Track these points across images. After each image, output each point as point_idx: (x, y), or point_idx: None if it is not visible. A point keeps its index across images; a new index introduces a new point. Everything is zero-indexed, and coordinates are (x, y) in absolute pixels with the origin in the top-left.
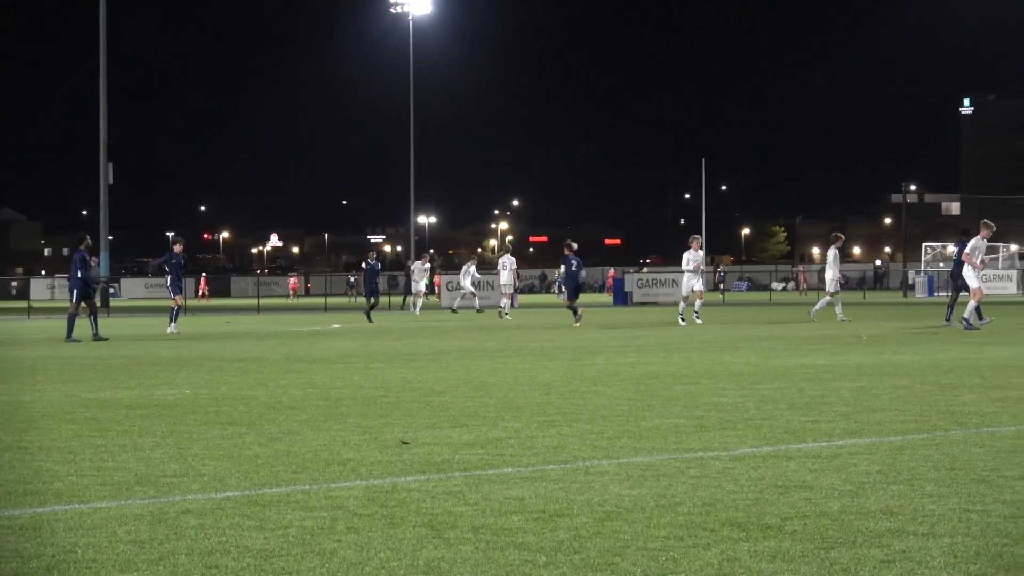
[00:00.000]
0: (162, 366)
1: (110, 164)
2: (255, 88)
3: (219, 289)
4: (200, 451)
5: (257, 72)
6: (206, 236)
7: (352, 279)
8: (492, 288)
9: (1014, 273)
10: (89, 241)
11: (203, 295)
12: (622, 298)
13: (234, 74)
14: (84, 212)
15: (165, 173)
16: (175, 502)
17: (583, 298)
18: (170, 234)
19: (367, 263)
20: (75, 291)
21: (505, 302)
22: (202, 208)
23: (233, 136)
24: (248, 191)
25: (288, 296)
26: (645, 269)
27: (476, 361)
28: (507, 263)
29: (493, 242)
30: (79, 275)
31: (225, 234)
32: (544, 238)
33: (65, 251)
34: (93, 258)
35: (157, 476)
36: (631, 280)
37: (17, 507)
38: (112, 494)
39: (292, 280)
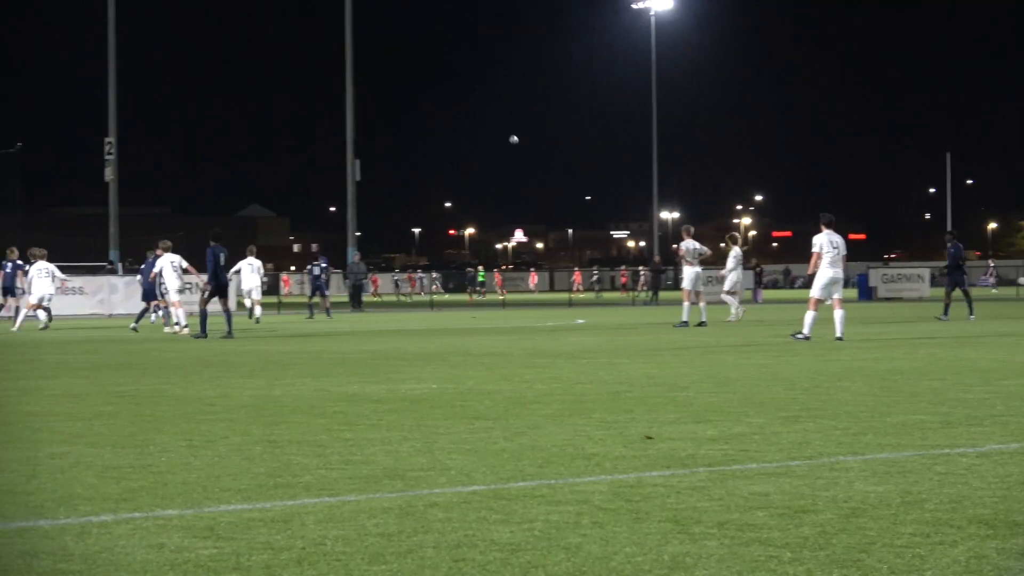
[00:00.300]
0: (409, 361)
1: (357, 161)
2: (497, 84)
3: (464, 285)
4: (447, 445)
5: (499, 68)
6: (451, 232)
7: (596, 275)
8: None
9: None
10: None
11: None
12: (866, 293)
13: (475, 70)
14: (332, 208)
15: (410, 169)
16: (422, 495)
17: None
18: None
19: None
20: (211, 287)
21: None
22: (447, 204)
23: (476, 132)
24: (493, 187)
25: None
26: (891, 264)
27: (719, 356)
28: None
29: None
30: (212, 270)
31: (470, 230)
32: (788, 233)
33: (314, 247)
34: (320, 260)
35: (405, 470)
36: (876, 275)
37: (268, 500)
38: (360, 487)
39: (532, 274)
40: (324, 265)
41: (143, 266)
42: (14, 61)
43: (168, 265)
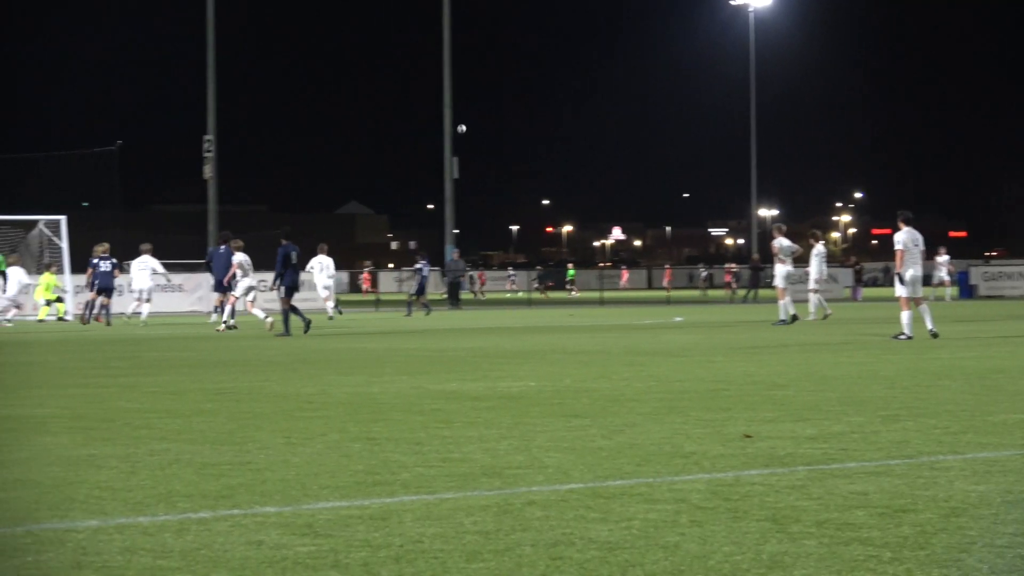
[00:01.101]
0: (506, 358)
1: (455, 158)
2: (596, 81)
3: (561, 282)
4: (544, 443)
5: (597, 65)
6: (548, 229)
7: (703, 272)
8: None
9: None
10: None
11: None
12: (967, 291)
13: (573, 68)
14: (430, 206)
15: (509, 167)
16: (520, 493)
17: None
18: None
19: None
20: (284, 286)
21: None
22: (545, 202)
23: (574, 129)
24: (590, 184)
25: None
26: (992, 262)
27: (817, 355)
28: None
29: (835, 235)
30: (283, 268)
31: (568, 227)
32: (887, 231)
33: (412, 244)
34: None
35: (502, 467)
36: (976, 273)
37: (366, 497)
38: (458, 485)
39: (624, 272)
40: (426, 263)
41: (209, 257)
42: (114, 59)
43: (244, 263)
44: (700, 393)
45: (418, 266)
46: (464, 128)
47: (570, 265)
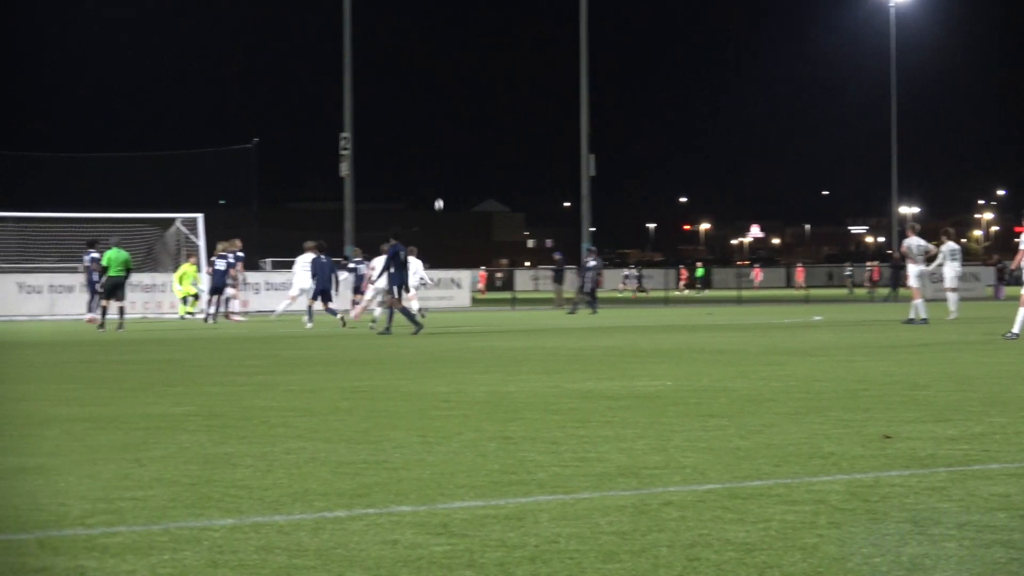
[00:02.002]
0: (643, 357)
1: (592, 156)
2: (733, 77)
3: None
4: (681, 443)
5: (734, 61)
6: (685, 227)
7: (849, 271)
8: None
9: None
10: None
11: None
12: None
13: (710, 64)
14: (566, 204)
15: (646, 164)
16: (656, 494)
17: None
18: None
19: None
20: (395, 286)
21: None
22: (682, 199)
23: (712, 126)
24: (729, 182)
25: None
26: None
27: (959, 354)
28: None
29: (978, 233)
30: (392, 270)
31: (705, 225)
32: None
33: (548, 242)
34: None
35: (639, 467)
36: None
37: (502, 497)
38: (594, 485)
39: (756, 271)
40: (598, 260)
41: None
42: (250, 56)
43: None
44: (839, 393)
45: (591, 263)
46: (441, 203)
47: (699, 264)
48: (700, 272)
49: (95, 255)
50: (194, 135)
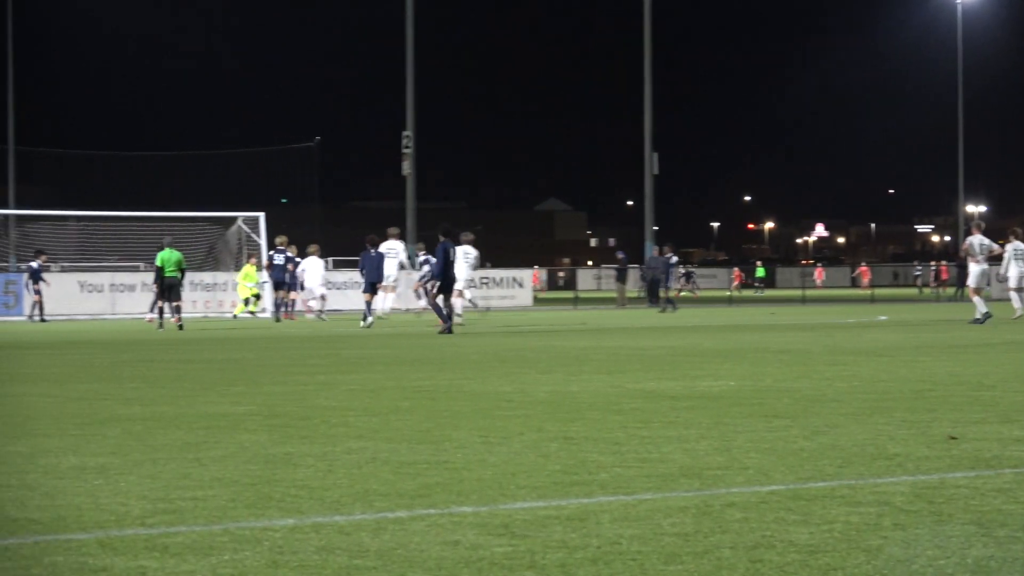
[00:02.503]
0: (705, 357)
1: (655, 154)
2: (797, 75)
3: (767, 280)
4: (744, 444)
5: (798, 58)
6: (749, 226)
7: (919, 270)
8: None
9: None
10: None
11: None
12: None
13: (774, 61)
14: (629, 202)
15: (709, 162)
16: (719, 495)
17: None
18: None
19: None
20: (438, 282)
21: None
22: (747, 198)
23: (777, 124)
24: (793, 180)
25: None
26: None
27: None
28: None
29: None
30: (442, 266)
31: (769, 224)
32: None
33: (611, 241)
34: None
35: (701, 468)
36: None
37: (563, 497)
38: (657, 486)
39: (818, 270)
40: (674, 260)
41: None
42: (314, 54)
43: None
44: (904, 393)
45: (672, 260)
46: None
47: (758, 263)
48: (760, 272)
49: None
50: (257, 133)
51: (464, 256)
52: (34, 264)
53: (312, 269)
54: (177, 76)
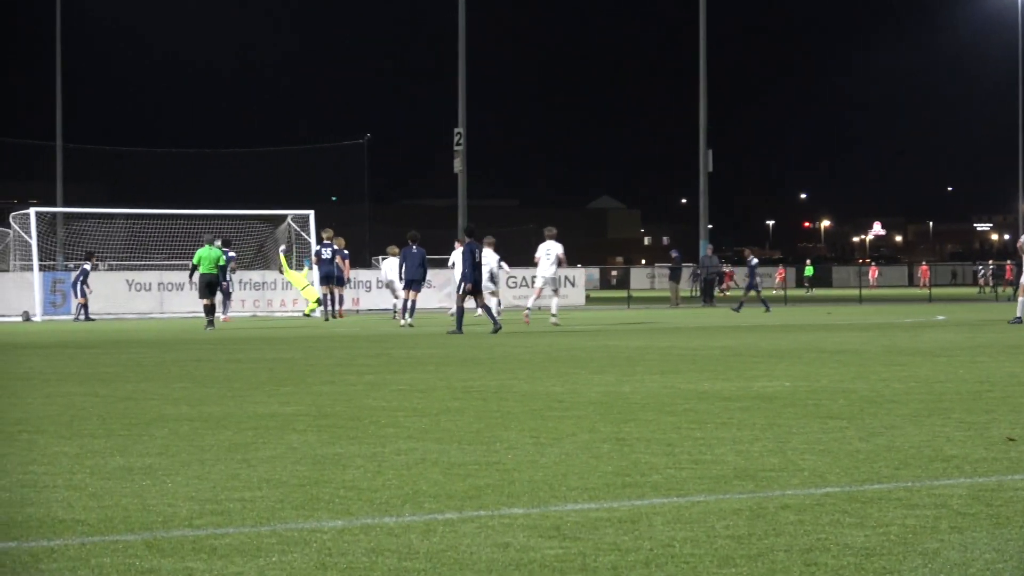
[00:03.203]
0: (760, 358)
1: (710, 151)
2: (853, 71)
3: (821, 279)
4: (799, 445)
5: (855, 55)
6: (805, 224)
7: (981, 270)
8: None
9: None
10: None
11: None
12: None
13: (830, 57)
14: (683, 200)
15: (765, 159)
16: (774, 497)
17: None
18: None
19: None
20: (464, 282)
21: None
22: (802, 196)
23: (833, 121)
24: (850, 178)
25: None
26: None
27: None
28: None
29: None
30: (469, 267)
31: (825, 222)
32: None
33: (665, 240)
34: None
35: (756, 470)
36: None
37: (615, 499)
38: (710, 488)
39: (872, 269)
40: (755, 262)
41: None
42: (364, 51)
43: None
44: (962, 394)
45: (754, 261)
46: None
47: (808, 262)
48: (809, 271)
49: (231, 254)
50: (306, 131)
51: (546, 254)
52: (87, 266)
53: (392, 268)
54: (227, 73)
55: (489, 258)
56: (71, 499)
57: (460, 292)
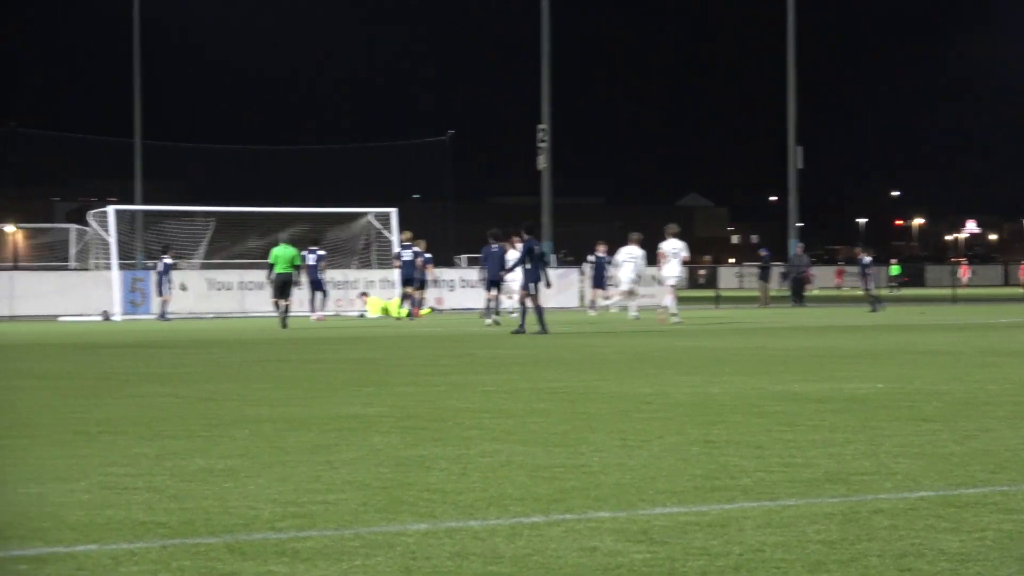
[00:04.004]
0: (852, 358)
1: (799, 148)
2: (946, 66)
3: (913, 279)
4: (892, 448)
5: (949, 48)
6: (897, 223)
7: None
8: None
9: None
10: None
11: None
12: None
13: (920, 52)
14: (772, 198)
15: (856, 156)
16: (866, 501)
17: None
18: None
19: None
20: (531, 283)
21: None
22: (894, 193)
23: (926, 116)
24: (944, 175)
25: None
26: None
27: None
28: None
29: None
30: (528, 265)
31: (918, 220)
32: None
33: (754, 239)
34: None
35: (848, 473)
36: None
37: (704, 503)
38: (801, 491)
39: (963, 268)
40: (868, 260)
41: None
42: (447, 46)
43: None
44: None
45: (866, 260)
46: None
47: (892, 261)
48: (895, 270)
49: (321, 252)
50: (388, 127)
51: (673, 252)
52: (167, 259)
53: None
54: (307, 68)
55: (633, 254)
56: (151, 501)
57: (530, 292)
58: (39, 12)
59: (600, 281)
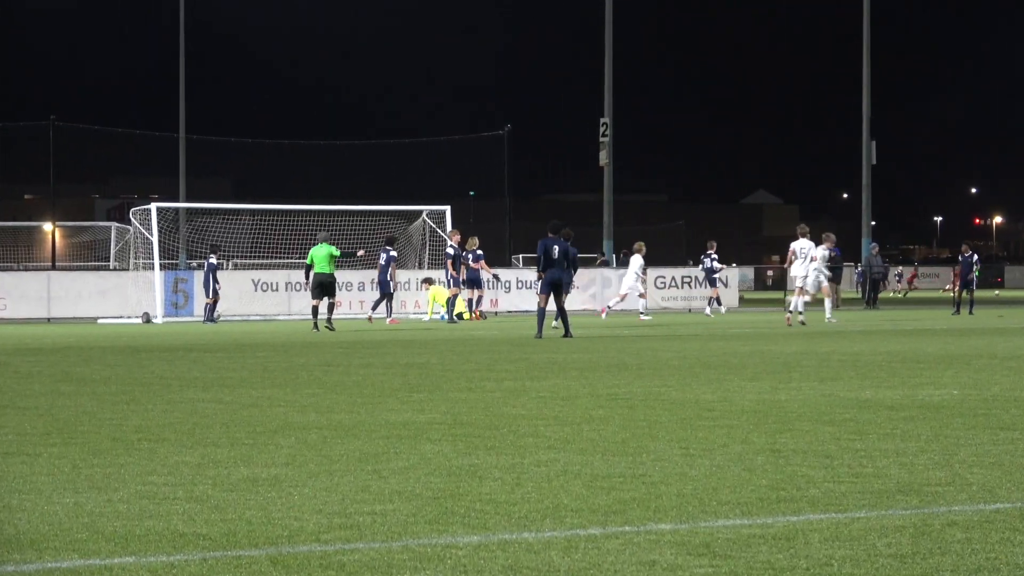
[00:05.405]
0: (927, 364)
1: (873, 143)
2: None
3: (987, 280)
4: (968, 458)
5: None
6: (976, 221)
7: None
8: None
9: None
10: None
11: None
12: None
13: (1000, 43)
14: (844, 195)
15: (932, 151)
16: (940, 513)
17: None
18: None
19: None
20: (546, 283)
21: None
22: (973, 190)
23: (1004, 109)
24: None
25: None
26: None
27: None
28: None
29: None
30: (543, 264)
31: (998, 218)
32: None
33: (825, 237)
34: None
35: (920, 484)
36: None
37: (770, 515)
38: (871, 503)
39: None
40: (975, 258)
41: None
42: (506, 38)
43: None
44: None
45: (973, 257)
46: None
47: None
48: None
49: (393, 253)
50: (443, 122)
51: (802, 252)
52: (213, 259)
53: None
54: (359, 61)
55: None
56: (192, 512)
57: (541, 291)
58: (81, 6)
59: (712, 281)
